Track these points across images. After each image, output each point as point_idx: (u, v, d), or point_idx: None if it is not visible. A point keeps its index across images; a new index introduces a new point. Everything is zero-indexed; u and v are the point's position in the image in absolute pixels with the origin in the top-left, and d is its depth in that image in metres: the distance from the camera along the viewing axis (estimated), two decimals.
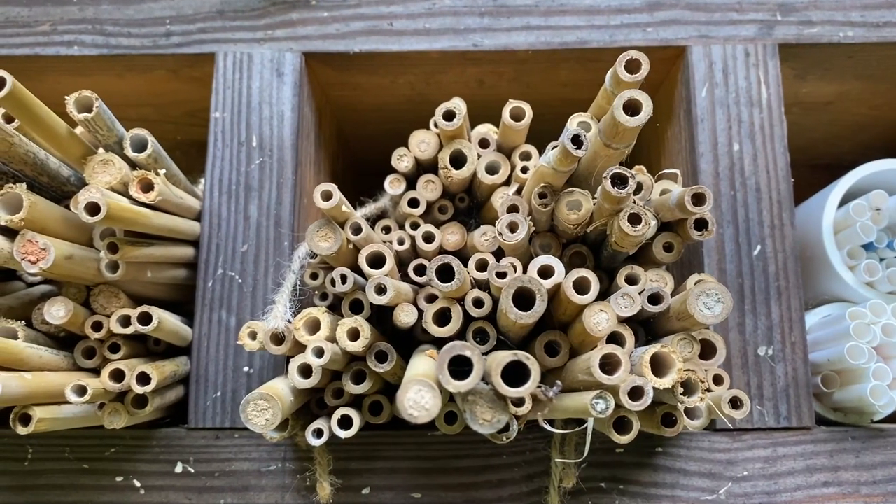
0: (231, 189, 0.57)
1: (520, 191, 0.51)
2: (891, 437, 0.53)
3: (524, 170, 0.52)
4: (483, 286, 0.47)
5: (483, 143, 0.54)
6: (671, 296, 0.45)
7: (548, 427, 0.43)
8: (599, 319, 0.40)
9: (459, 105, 0.51)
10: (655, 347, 0.41)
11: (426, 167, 0.55)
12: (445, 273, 0.43)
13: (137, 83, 0.65)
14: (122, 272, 0.48)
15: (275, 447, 0.53)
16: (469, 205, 0.56)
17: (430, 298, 0.49)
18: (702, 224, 0.45)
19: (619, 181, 0.40)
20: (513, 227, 0.45)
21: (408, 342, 0.52)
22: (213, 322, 0.55)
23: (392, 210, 0.57)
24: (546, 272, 0.43)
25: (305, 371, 0.45)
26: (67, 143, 0.47)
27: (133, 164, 0.50)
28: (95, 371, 0.50)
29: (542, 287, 0.39)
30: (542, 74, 0.64)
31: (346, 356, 0.47)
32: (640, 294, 0.44)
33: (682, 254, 0.47)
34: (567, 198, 0.45)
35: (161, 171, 0.49)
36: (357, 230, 0.48)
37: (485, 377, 0.35)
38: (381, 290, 0.45)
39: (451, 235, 0.54)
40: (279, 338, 0.47)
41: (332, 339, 0.45)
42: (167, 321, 0.50)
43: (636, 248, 0.46)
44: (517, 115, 0.51)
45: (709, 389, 0.46)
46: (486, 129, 0.56)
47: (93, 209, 0.42)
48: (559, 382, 0.38)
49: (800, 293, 0.54)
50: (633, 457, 0.52)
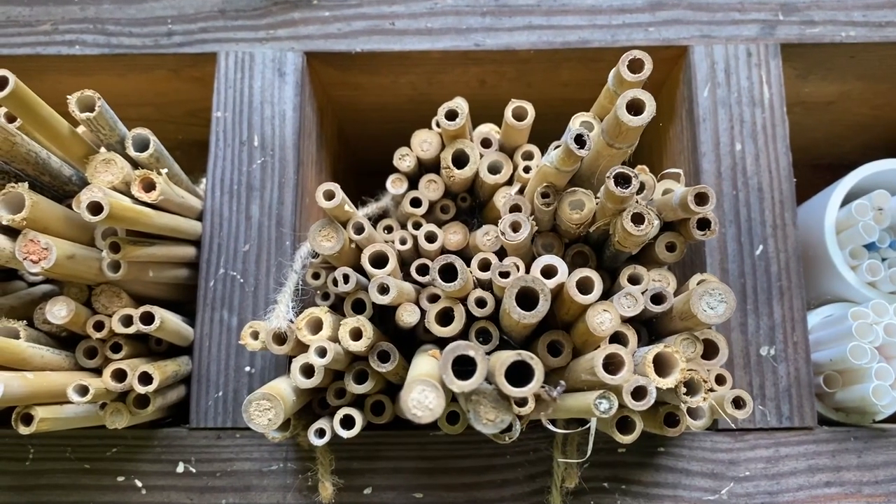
0: (233, 189, 0.57)
1: (522, 190, 0.51)
2: (893, 437, 0.52)
3: (526, 169, 0.52)
4: (485, 286, 0.47)
5: (485, 143, 0.54)
6: (673, 296, 0.45)
7: (550, 427, 0.43)
8: (603, 319, 0.40)
9: (462, 105, 0.51)
10: (658, 347, 0.40)
11: (428, 167, 0.55)
12: (448, 273, 0.43)
13: (139, 83, 0.65)
14: (124, 272, 0.48)
15: (276, 447, 0.53)
16: (471, 204, 0.56)
17: (433, 298, 0.49)
18: (704, 224, 0.45)
19: (623, 181, 0.40)
20: (515, 227, 0.44)
21: (409, 342, 0.51)
22: (215, 322, 0.55)
23: (394, 210, 0.57)
24: (549, 272, 0.43)
25: (308, 371, 0.45)
26: (69, 143, 0.47)
27: (135, 164, 0.50)
28: (97, 371, 0.49)
29: (546, 287, 0.39)
30: (544, 74, 0.64)
31: (349, 356, 0.47)
32: (643, 294, 0.44)
33: (685, 253, 0.47)
34: (570, 197, 0.45)
35: (163, 171, 0.49)
36: (359, 230, 0.48)
37: (488, 377, 0.35)
38: (384, 290, 0.45)
39: (454, 235, 0.54)
40: (281, 337, 0.47)
41: (335, 339, 0.45)
42: (169, 321, 0.50)
43: (639, 248, 0.46)
44: (520, 115, 0.51)
45: (711, 389, 0.46)
46: (488, 129, 0.56)
47: (95, 208, 0.42)
48: (563, 382, 0.37)
49: (802, 293, 0.54)
50: (635, 457, 0.52)
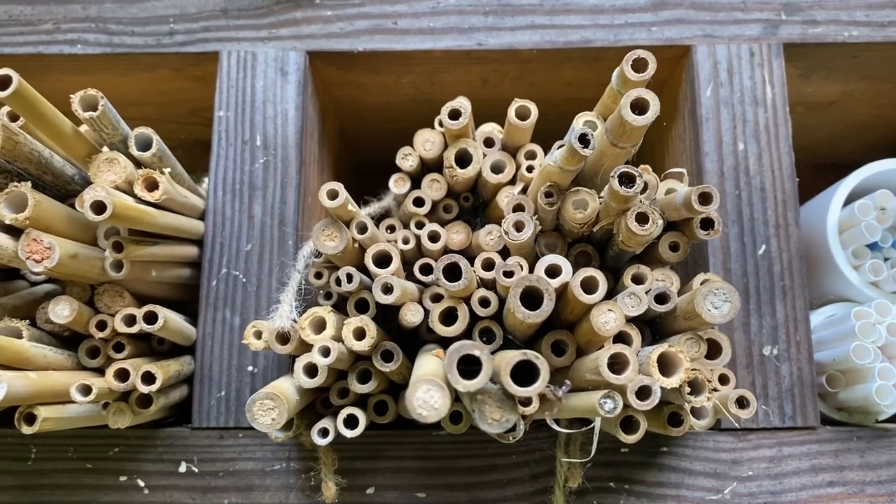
0: (235, 188, 0.57)
1: (525, 190, 0.51)
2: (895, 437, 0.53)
3: (529, 169, 0.52)
4: (489, 285, 0.47)
5: (488, 143, 0.54)
6: (677, 295, 0.45)
7: (555, 426, 0.43)
8: (607, 319, 0.40)
9: (465, 104, 0.51)
10: (663, 347, 0.40)
11: (431, 166, 0.55)
12: (452, 272, 0.43)
13: (140, 82, 0.65)
14: (127, 271, 0.47)
15: (279, 447, 0.53)
16: (473, 204, 0.56)
17: (436, 298, 0.48)
18: (708, 223, 0.45)
19: (627, 180, 0.40)
20: (519, 227, 0.44)
21: (412, 342, 0.51)
22: (217, 321, 0.55)
23: (396, 209, 0.57)
24: (553, 271, 0.43)
25: (311, 370, 0.45)
26: (72, 142, 0.47)
27: (138, 163, 0.49)
28: (99, 370, 0.49)
29: (550, 286, 0.39)
30: (546, 73, 0.64)
31: (352, 355, 0.47)
32: (647, 293, 0.43)
33: (687, 253, 0.47)
34: (573, 197, 0.45)
35: (166, 170, 0.49)
36: (363, 229, 0.48)
37: (493, 377, 0.35)
38: (388, 290, 0.45)
39: (456, 235, 0.54)
40: (285, 337, 0.46)
41: (338, 339, 0.45)
42: (172, 320, 0.50)
43: (643, 248, 0.46)
44: (523, 115, 0.50)
45: (715, 389, 0.46)
46: (491, 129, 0.56)
47: (99, 208, 0.42)
48: (568, 382, 0.37)
49: (805, 293, 0.54)
50: (638, 456, 0.52)
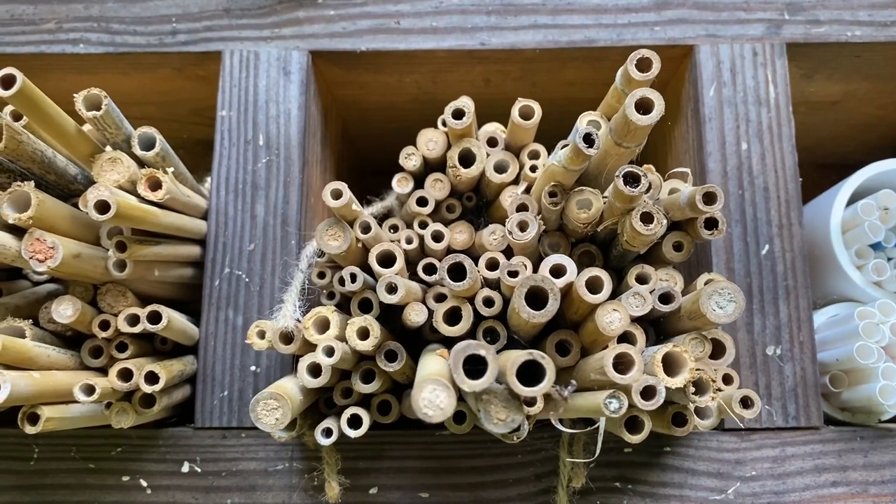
0: (238, 188, 0.57)
1: (528, 189, 0.51)
2: None
3: (532, 168, 0.52)
4: (493, 285, 0.47)
5: (491, 142, 0.54)
6: (681, 295, 0.45)
7: (559, 426, 0.42)
8: (612, 319, 0.40)
9: (468, 103, 0.50)
10: (667, 347, 0.40)
11: (434, 166, 0.55)
12: (456, 272, 0.43)
13: (143, 81, 0.65)
14: (130, 271, 0.47)
15: (282, 447, 0.53)
16: (476, 204, 0.56)
17: (439, 297, 0.48)
18: (712, 223, 0.45)
19: (632, 180, 0.40)
20: (523, 226, 0.44)
21: (414, 341, 0.51)
22: (220, 321, 0.55)
23: (398, 209, 0.57)
24: (558, 271, 0.43)
25: (315, 370, 0.45)
26: (76, 141, 0.47)
27: (141, 163, 0.49)
28: (102, 370, 0.49)
29: (555, 286, 0.38)
30: (549, 73, 0.64)
31: (356, 355, 0.46)
32: (651, 293, 0.43)
33: (691, 253, 0.47)
34: (577, 196, 0.45)
35: (169, 170, 0.49)
36: (366, 229, 0.47)
37: (498, 376, 0.35)
38: (392, 289, 0.45)
39: (460, 234, 0.53)
40: (288, 337, 0.46)
41: (342, 339, 0.45)
42: (176, 320, 0.50)
43: (647, 248, 0.46)
44: (526, 114, 0.50)
45: (719, 389, 0.46)
46: (494, 128, 0.56)
47: (102, 207, 0.42)
48: (574, 382, 0.37)
49: (808, 292, 0.54)
50: (642, 456, 0.52)
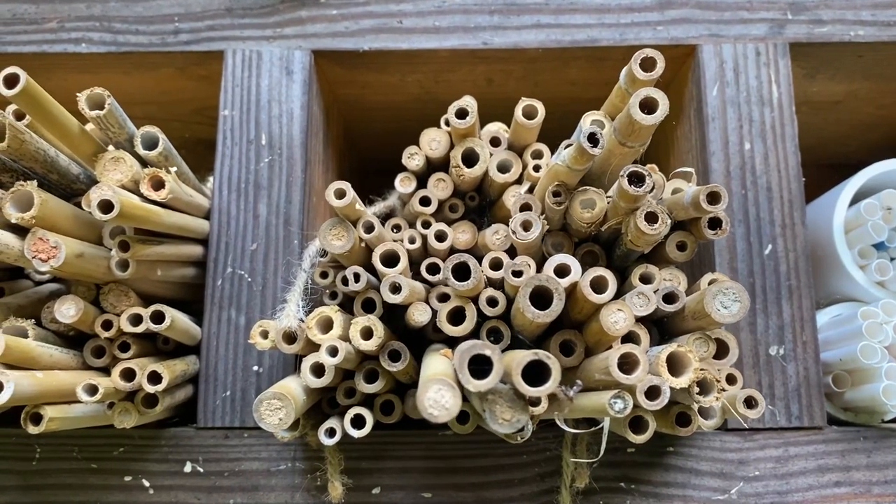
0: (240, 187, 0.57)
1: (532, 189, 0.51)
2: None
3: (536, 168, 0.52)
4: (496, 285, 0.47)
5: (494, 142, 0.54)
6: (685, 295, 0.45)
7: (564, 427, 0.42)
8: (616, 318, 0.40)
9: (472, 103, 0.50)
10: (672, 347, 0.40)
11: (436, 166, 0.55)
12: (460, 272, 0.43)
13: (145, 81, 0.65)
14: (133, 270, 0.47)
15: (284, 447, 0.52)
16: (479, 203, 0.56)
17: (443, 297, 0.48)
18: (716, 223, 0.45)
19: (637, 179, 0.40)
20: (526, 226, 0.44)
21: (417, 341, 0.51)
22: (223, 321, 0.55)
23: (400, 209, 0.57)
24: (562, 271, 0.43)
25: (318, 370, 0.45)
26: (79, 141, 0.47)
27: (144, 162, 0.49)
28: (105, 370, 0.49)
29: (560, 286, 0.38)
30: (552, 73, 0.64)
31: (359, 355, 0.46)
32: (656, 293, 0.43)
33: (694, 253, 0.47)
34: (581, 196, 0.45)
35: (172, 169, 0.49)
36: (370, 228, 0.47)
37: (503, 376, 0.35)
38: (396, 289, 0.45)
39: (462, 234, 0.53)
40: (291, 337, 0.46)
41: (345, 338, 0.45)
42: (179, 320, 0.50)
43: (651, 247, 0.46)
44: (530, 114, 0.50)
45: (723, 389, 0.46)
46: (497, 128, 0.56)
47: (106, 207, 0.42)
48: (579, 382, 0.37)
49: (811, 292, 0.54)
50: (645, 456, 0.52)
